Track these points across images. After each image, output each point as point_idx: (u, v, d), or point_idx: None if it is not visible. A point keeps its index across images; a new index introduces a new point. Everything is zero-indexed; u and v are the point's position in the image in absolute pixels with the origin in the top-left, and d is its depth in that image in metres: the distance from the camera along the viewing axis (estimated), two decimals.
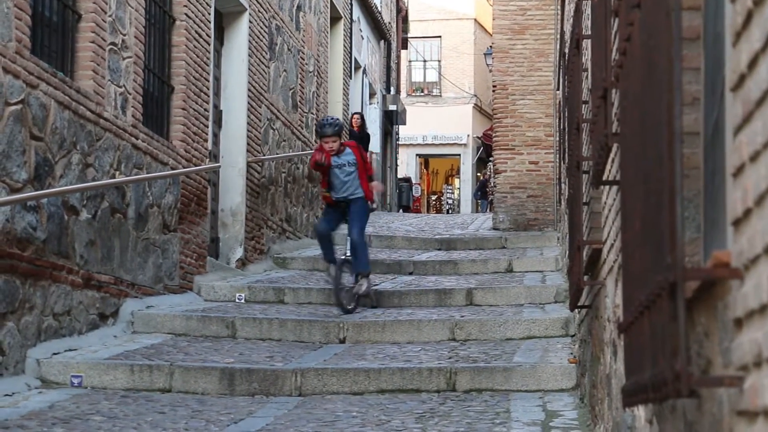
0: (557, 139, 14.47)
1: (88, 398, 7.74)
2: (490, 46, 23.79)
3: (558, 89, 14.49)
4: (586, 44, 6.61)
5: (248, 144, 13.87)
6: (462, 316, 10.19)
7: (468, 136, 44.55)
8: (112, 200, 9.78)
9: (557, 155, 14.74)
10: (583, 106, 6.62)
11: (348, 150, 11.19)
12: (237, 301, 11.46)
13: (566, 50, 9.79)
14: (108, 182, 9.62)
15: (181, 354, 8.94)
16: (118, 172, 9.91)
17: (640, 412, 3.85)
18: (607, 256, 5.18)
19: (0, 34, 7.74)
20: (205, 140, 12.49)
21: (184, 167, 11.61)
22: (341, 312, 10.54)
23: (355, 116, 21.94)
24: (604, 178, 4.82)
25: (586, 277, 6.15)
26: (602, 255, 5.53)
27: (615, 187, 4.59)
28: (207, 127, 12.63)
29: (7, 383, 7.73)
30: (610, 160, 4.69)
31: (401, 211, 33.44)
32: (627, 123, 3.33)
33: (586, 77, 6.59)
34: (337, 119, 11.48)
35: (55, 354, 8.41)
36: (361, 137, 21.87)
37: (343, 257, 11.06)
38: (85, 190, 9.15)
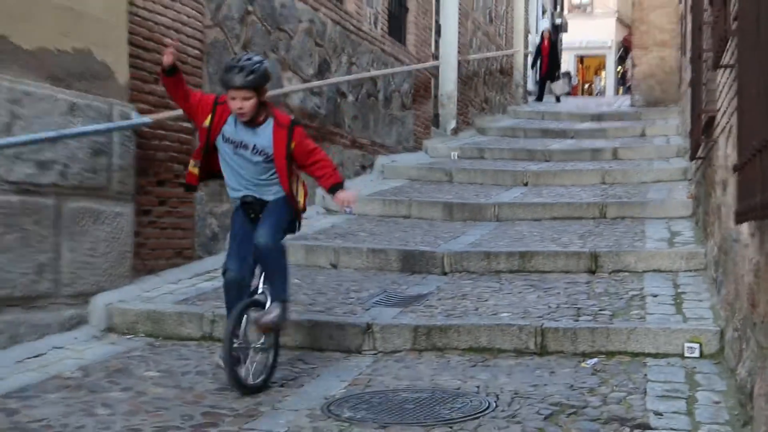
0: (680, 40, 13.75)
1: (356, 221, 7.98)
2: None
3: (680, 2, 13.70)
4: None
5: (459, 48, 13.69)
6: (610, 167, 9.95)
7: (612, 40, 42.80)
8: (368, 87, 9.88)
9: (680, 51, 14.03)
10: (704, 13, 6.25)
11: (269, 124, 4.13)
12: (452, 157, 11.46)
13: None
14: (366, 74, 9.71)
15: (416, 192, 9.06)
16: (372, 68, 9.98)
17: (744, 228, 3.72)
18: (720, 120, 4.95)
19: None
20: (429, 45, 12.41)
21: (416, 64, 11.57)
22: (239, 393, 3.94)
23: (545, 32, 20.34)
24: (721, 63, 4.57)
25: (703, 137, 5.91)
26: (715, 120, 5.28)
27: (728, 70, 4.35)
28: (431, 36, 12.53)
29: None
30: (726, 49, 4.44)
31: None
32: (744, 19, 3.14)
33: None
34: (260, 60, 4.08)
35: None
36: (551, 53, 20.44)
37: (247, 300, 4.09)
38: (350, 80, 9.27)
